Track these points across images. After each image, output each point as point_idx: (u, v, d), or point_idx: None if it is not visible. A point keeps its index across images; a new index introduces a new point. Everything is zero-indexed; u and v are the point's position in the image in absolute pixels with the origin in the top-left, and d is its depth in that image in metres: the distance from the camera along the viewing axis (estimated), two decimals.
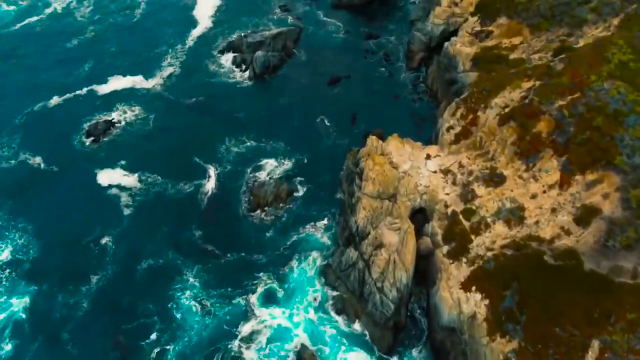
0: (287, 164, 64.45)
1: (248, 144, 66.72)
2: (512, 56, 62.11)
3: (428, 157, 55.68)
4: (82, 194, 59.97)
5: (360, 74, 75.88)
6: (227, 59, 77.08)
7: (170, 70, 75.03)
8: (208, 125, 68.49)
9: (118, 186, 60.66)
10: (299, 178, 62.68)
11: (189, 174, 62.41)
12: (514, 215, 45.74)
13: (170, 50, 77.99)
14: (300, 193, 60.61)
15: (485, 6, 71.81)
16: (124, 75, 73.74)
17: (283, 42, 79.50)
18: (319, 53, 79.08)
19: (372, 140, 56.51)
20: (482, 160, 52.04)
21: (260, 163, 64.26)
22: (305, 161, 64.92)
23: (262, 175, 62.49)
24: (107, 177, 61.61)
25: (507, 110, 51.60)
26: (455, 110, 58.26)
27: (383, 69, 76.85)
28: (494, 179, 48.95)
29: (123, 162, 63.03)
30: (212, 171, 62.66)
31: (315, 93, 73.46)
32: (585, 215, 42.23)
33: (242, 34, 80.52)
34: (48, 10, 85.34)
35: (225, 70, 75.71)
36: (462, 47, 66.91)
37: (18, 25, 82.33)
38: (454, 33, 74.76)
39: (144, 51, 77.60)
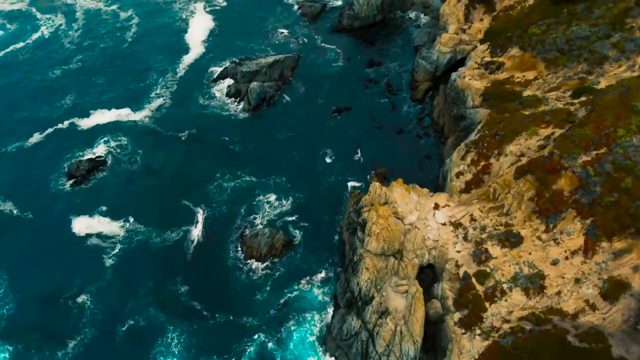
0: (284, 204, 60.18)
1: (243, 179, 62.45)
2: (526, 93, 57.79)
3: (436, 206, 51.19)
4: (60, 244, 55.43)
5: (362, 105, 71.56)
6: (220, 89, 72.79)
7: (159, 101, 70.71)
8: (199, 161, 64.17)
9: (99, 235, 56.20)
10: (296, 219, 58.43)
11: (176, 219, 57.95)
12: (533, 283, 41.24)
13: (160, 80, 73.70)
14: (297, 239, 56.18)
15: (495, 34, 67.71)
16: (109, 109, 69.39)
17: (280, 71, 75.29)
18: (318, 82, 74.86)
19: (375, 187, 52.11)
20: (496, 214, 47.57)
21: (255, 202, 60.02)
22: (304, 200, 60.62)
23: (257, 220, 58.14)
24: (86, 224, 57.15)
25: (523, 160, 47.24)
26: (464, 153, 53.89)
27: (386, 99, 72.53)
28: (510, 239, 44.49)
29: (104, 208, 58.62)
30: (200, 215, 58.22)
31: (314, 126, 69.17)
32: (612, 290, 37.74)
33: (237, 61, 76.32)
34: (35, 36, 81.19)
35: (219, 101, 71.42)
36: (471, 81, 62.60)
37: (1, 53, 78.13)
38: (462, 61, 70.69)
39: (133, 81, 73.30)
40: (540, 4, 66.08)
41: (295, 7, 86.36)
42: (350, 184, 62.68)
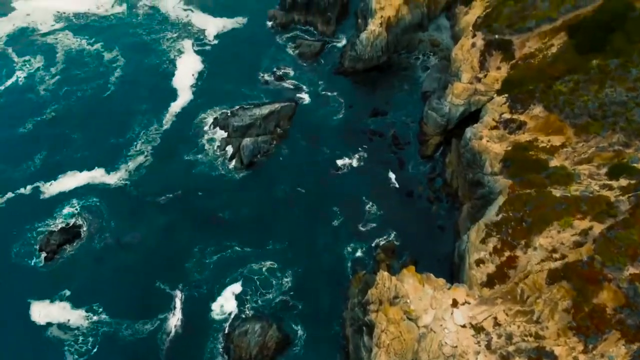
0: (280, 281, 54.61)
1: (233, 250, 56.90)
2: (552, 162, 51.91)
3: (454, 303, 45.11)
4: (14, 335, 49.52)
5: (365, 162, 65.77)
6: (209, 144, 66.99)
7: (139, 160, 64.70)
8: (181, 232, 58.36)
9: (59, 325, 50.24)
10: (292, 303, 52.77)
11: (150, 305, 52.03)
12: None
13: (142, 133, 67.71)
14: (293, 334, 50.27)
15: (515, 85, 61.86)
16: (82, 170, 63.49)
17: (276, 122, 69.50)
18: (318, 134, 69.05)
19: (383, 277, 46.13)
20: (525, 319, 41.48)
21: (245, 279, 54.33)
22: (302, 275, 55.17)
23: (246, 305, 52.27)
24: (47, 312, 51.24)
25: (556, 257, 41.35)
26: (485, 236, 47.98)
27: (392, 155, 66.65)
28: (542, 358, 38.53)
29: (67, 292, 52.70)
30: (178, 300, 52.35)
31: (313, 186, 63.43)
32: None
33: (229, 111, 70.46)
34: (9, 82, 75.25)
35: (208, 159, 65.50)
36: (489, 144, 56.76)
37: None
38: (476, 113, 65.02)
39: (112, 135, 67.39)
40: (565, 53, 60.26)
41: (292, 45, 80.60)
42: (354, 255, 56.95)
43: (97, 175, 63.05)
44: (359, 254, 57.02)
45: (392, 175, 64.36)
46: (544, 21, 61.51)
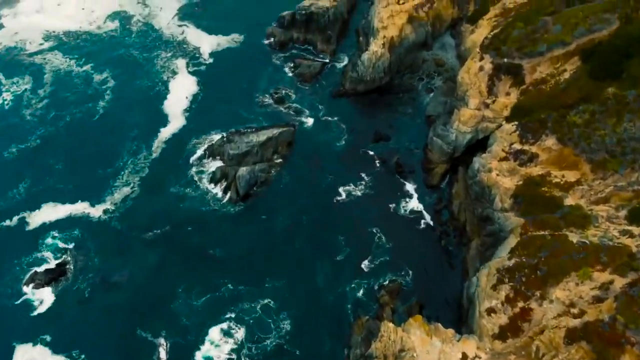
0: (276, 325, 51.92)
1: (224, 289, 54.22)
2: (567, 200, 49.39)
3: (464, 357, 42.55)
4: None
5: (369, 191, 63.22)
6: (202, 174, 64.36)
7: (125, 191, 62.09)
8: (167, 271, 55.73)
9: None
10: (289, 350, 50.04)
11: (132, 355, 49.20)
12: None
13: (130, 162, 65.11)
14: None
15: (525, 112, 59.37)
16: (66, 202, 61.03)
17: (274, 148, 66.98)
18: (318, 161, 66.54)
19: (387, 329, 43.60)
20: None
21: (237, 320, 51.64)
22: (300, 318, 52.37)
23: (241, 355, 49.66)
24: (30, 356, 48.92)
25: (574, 313, 38.74)
26: (496, 282, 45.32)
27: (397, 183, 64.18)
28: None
29: (48, 338, 50.15)
30: (163, 349, 49.51)
31: (314, 218, 60.94)
32: None
33: (224, 136, 67.90)
34: None
35: (200, 190, 62.93)
36: (499, 177, 54.23)
37: None
38: (484, 140, 62.56)
39: (99, 164, 64.86)
40: (578, 80, 57.75)
41: (291, 65, 78.13)
42: (356, 294, 54.36)
43: (83, 208, 60.61)
44: (361, 292, 54.40)
45: (396, 206, 61.82)
46: (556, 45, 59.02)
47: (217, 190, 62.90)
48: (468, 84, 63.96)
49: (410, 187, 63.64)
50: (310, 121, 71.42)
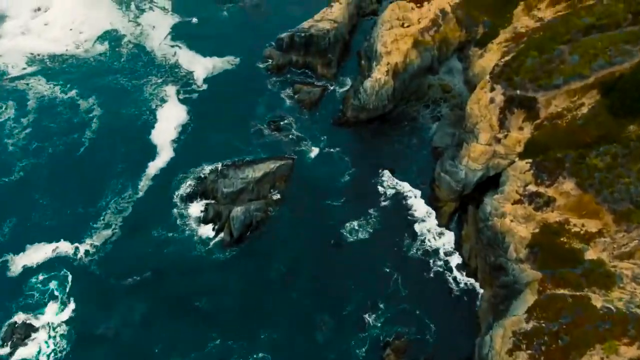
0: None
1: (211, 346, 51.06)
2: (588, 254, 46.42)
3: None
4: None
5: (372, 232, 60.12)
6: (191, 214, 61.30)
7: (105, 234, 58.87)
8: (148, 324, 52.55)
9: None
10: None
11: None
12: None
13: (113, 200, 62.08)
14: None
15: (540, 149, 56.57)
16: (49, 241, 58.33)
17: (271, 183, 64.08)
18: (319, 198, 63.27)
19: None
20: None
21: None
22: None
23: None
24: None
25: None
26: (512, 347, 42.43)
27: (402, 223, 61.16)
28: None
29: None
30: None
31: (314, 263, 57.79)
32: None
33: (217, 169, 64.83)
34: None
35: (189, 232, 59.72)
36: (513, 224, 51.24)
37: None
38: (496, 177, 59.62)
39: (82, 202, 61.59)
40: (597, 116, 54.96)
41: (289, 91, 75.08)
42: (360, 352, 51.23)
43: (63, 249, 57.74)
44: (365, 349, 51.25)
45: (404, 249, 58.84)
46: (574, 78, 56.07)
47: (208, 232, 59.84)
48: (478, 117, 60.91)
49: (418, 227, 60.54)
50: (310, 152, 68.34)
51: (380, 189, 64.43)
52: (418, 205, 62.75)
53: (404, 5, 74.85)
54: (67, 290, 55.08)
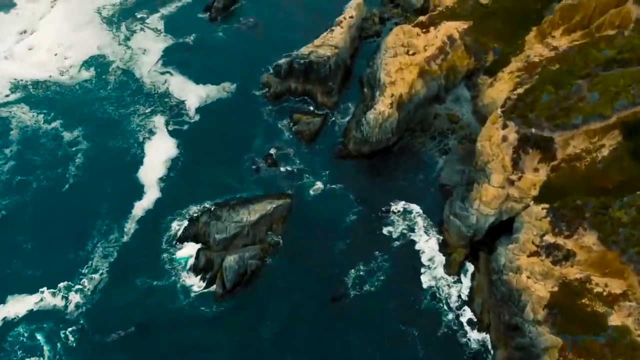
0: None
1: None
2: (612, 318, 43.29)
3: None
4: None
5: (377, 282, 56.96)
6: (182, 260, 58.03)
7: (90, 284, 56.12)
8: None
9: None
10: None
11: None
12: None
13: (99, 245, 59.14)
14: None
15: (557, 193, 53.57)
16: (31, 292, 55.86)
17: (268, 226, 60.95)
18: (318, 240, 60.30)
19: None
20: None
21: None
22: None
23: None
24: None
25: None
26: None
27: (410, 270, 57.94)
28: None
29: None
30: None
31: (310, 320, 54.69)
32: None
33: (210, 209, 61.69)
34: None
35: (178, 281, 56.48)
36: (530, 281, 48.06)
37: None
38: (509, 222, 56.54)
39: (65, 247, 58.92)
40: (619, 159, 52.13)
41: (288, 122, 71.97)
42: None
43: (47, 300, 55.41)
44: None
45: (412, 301, 55.71)
46: (594, 118, 53.12)
47: (199, 282, 56.66)
48: (489, 155, 57.75)
49: (427, 276, 57.45)
50: (310, 189, 65.15)
51: (385, 231, 61.27)
52: (427, 249, 59.65)
53: (409, 30, 71.92)
54: (50, 347, 52.15)
